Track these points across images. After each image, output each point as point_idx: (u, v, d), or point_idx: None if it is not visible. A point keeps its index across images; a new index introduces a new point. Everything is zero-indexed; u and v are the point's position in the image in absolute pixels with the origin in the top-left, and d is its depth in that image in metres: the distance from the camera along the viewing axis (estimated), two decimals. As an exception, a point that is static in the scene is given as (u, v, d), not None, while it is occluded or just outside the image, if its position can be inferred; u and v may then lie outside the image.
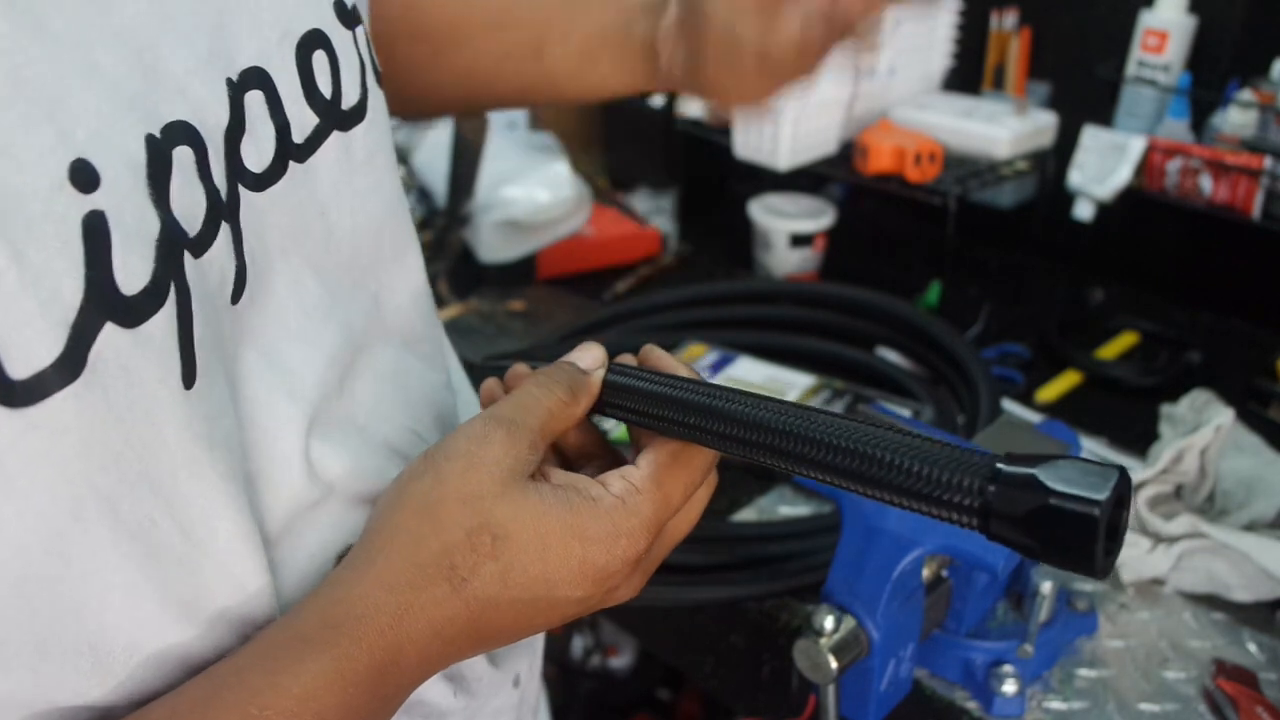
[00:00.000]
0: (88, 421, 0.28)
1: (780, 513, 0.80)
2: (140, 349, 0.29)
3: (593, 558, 0.36)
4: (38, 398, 0.27)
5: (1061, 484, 0.29)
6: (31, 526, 0.28)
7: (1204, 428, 0.74)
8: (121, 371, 0.29)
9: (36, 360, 0.27)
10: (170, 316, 0.30)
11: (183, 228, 0.31)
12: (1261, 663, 0.66)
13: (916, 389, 0.90)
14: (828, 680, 0.53)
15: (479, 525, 0.35)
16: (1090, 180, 1.05)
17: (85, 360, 0.28)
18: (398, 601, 0.34)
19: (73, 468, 0.28)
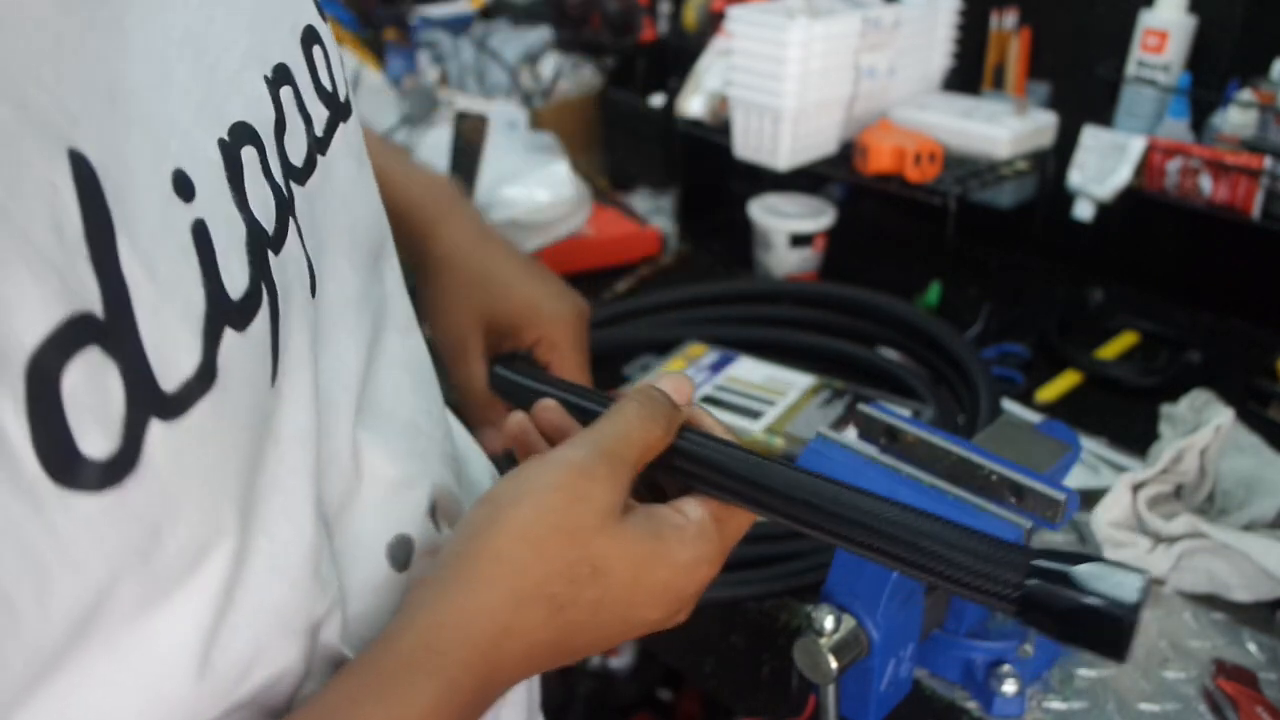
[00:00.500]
0: (223, 428, 0.28)
1: (780, 513, 0.80)
2: (250, 351, 0.30)
3: (676, 583, 0.38)
4: (186, 408, 0.27)
5: (1097, 586, 0.32)
6: (183, 536, 0.28)
7: (1204, 428, 0.74)
8: (240, 374, 0.29)
9: (181, 371, 0.27)
10: (266, 316, 0.31)
11: (262, 226, 0.32)
12: (1261, 663, 0.66)
13: (918, 387, 0.90)
14: (828, 680, 0.53)
15: (580, 557, 0.36)
16: (1090, 180, 1.05)
17: (216, 367, 0.28)
18: (499, 627, 0.35)
19: (214, 475, 0.28)
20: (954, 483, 0.55)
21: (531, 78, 1.45)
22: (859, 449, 0.57)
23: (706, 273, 1.23)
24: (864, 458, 0.56)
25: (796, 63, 1.01)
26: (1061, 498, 0.53)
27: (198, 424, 0.27)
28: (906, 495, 0.53)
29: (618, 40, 1.43)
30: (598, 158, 1.45)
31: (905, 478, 0.55)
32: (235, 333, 0.29)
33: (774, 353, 0.97)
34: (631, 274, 1.19)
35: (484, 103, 1.37)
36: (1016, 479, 0.54)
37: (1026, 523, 0.52)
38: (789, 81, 1.02)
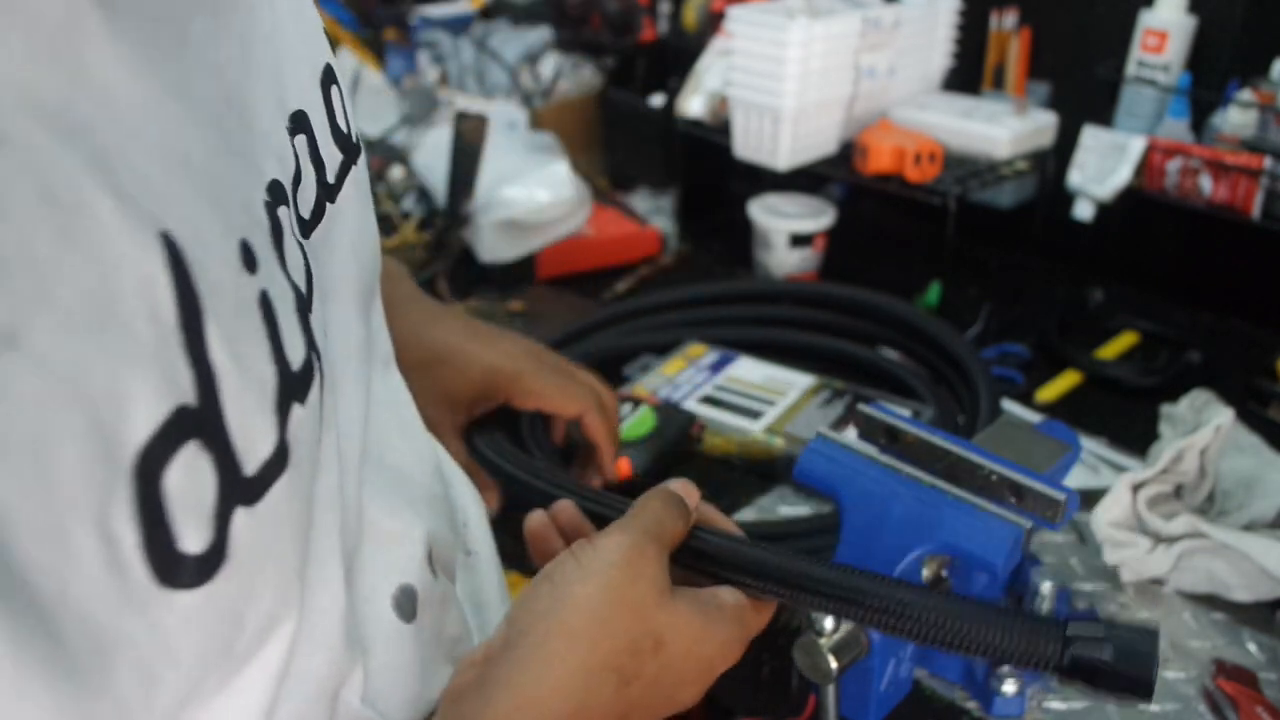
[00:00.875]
0: (294, 507, 0.28)
1: (780, 513, 0.80)
2: (310, 423, 0.29)
3: (716, 660, 0.41)
4: (265, 492, 0.26)
5: (1122, 652, 0.38)
6: (261, 618, 0.27)
7: (1204, 428, 0.74)
8: (305, 449, 0.29)
9: (260, 454, 0.26)
10: (318, 384, 0.30)
11: (300, 289, 0.30)
12: (1261, 663, 0.66)
13: (918, 387, 0.90)
14: (828, 680, 0.53)
15: (645, 631, 0.38)
16: (1090, 180, 1.05)
17: (288, 445, 0.27)
18: (574, 705, 0.36)
19: (286, 553, 0.28)
20: (954, 483, 0.55)
21: (531, 78, 1.45)
22: (859, 449, 0.57)
23: (706, 273, 1.23)
24: (864, 457, 0.56)
25: (796, 63, 1.01)
26: (1061, 498, 0.53)
27: (273, 506, 0.27)
28: (906, 494, 0.53)
29: (618, 40, 1.43)
30: (598, 158, 1.45)
31: (905, 477, 0.55)
32: (300, 407, 0.28)
33: (774, 353, 0.98)
34: (631, 274, 1.19)
35: (484, 103, 1.37)
36: (1016, 479, 0.54)
37: (1027, 522, 0.52)
38: (789, 81, 1.02)
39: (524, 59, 1.47)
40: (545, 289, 1.17)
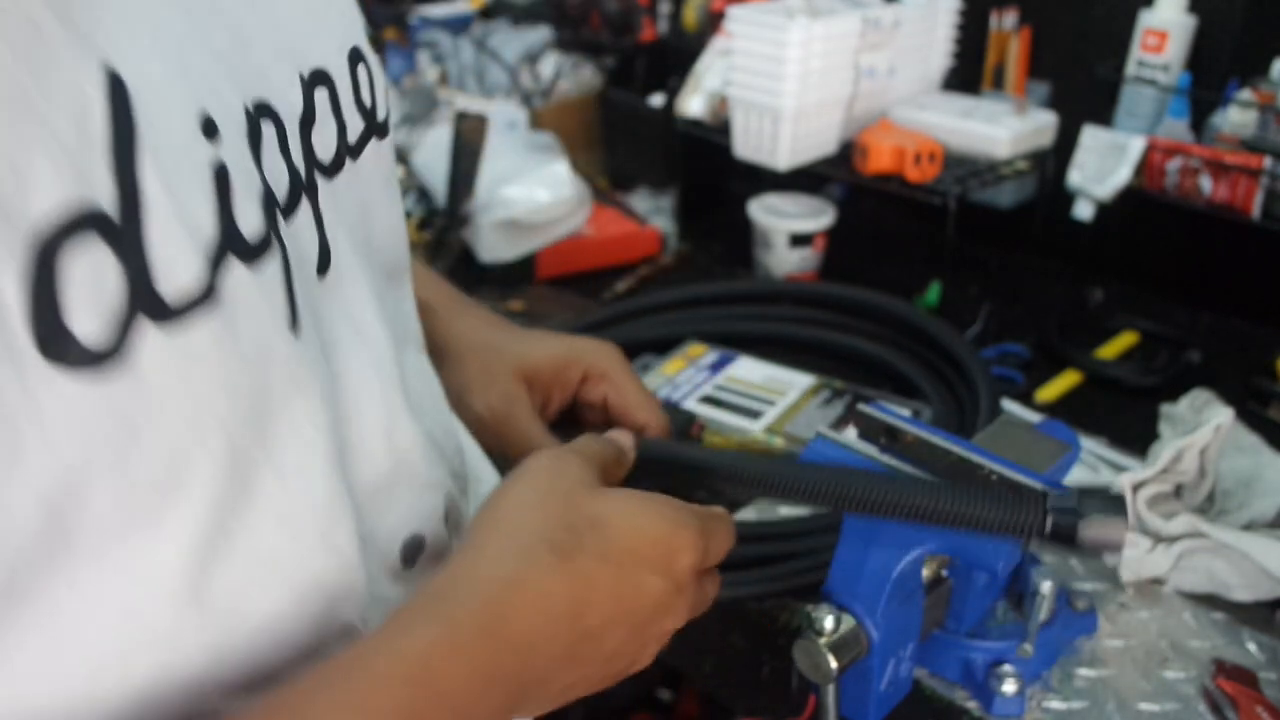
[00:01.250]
0: (220, 352, 0.30)
1: (780, 513, 0.80)
2: (260, 288, 0.32)
3: (672, 539, 0.41)
4: (181, 319, 0.29)
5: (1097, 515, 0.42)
6: (163, 447, 0.29)
7: (1204, 427, 0.74)
8: (246, 307, 0.31)
9: (183, 283, 0.29)
10: (279, 266, 0.33)
11: (274, 192, 0.34)
12: (1261, 662, 0.66)
13: (920, 385, 0.90)
14: (828, 680, 0.53)
15: (575, 509, 0.40)
16: (1090, 180, 1.05)
17: (219, 291, 0.30)
18: (504, 576, 0.37)
19: (203, 395, 0.30)
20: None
21: (531, 78, 1.46)
22: (859, 448, 0.57)
23: (706, 273, 1.23)
24: (864, 457, 0.56)
25: (796, 63, 1.01)
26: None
27: (196, 342, 0.29)
28: None
29: (617, 40, 1.43)
30: (597, 157, 1.45)
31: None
32: (245, 268, 0.31)
33: (775, 349, 0.98)
34: (631, 274, 1.19)
35: (484, 102, 1.37)
36: (1016, 479, 0.54)
37: None
38: (789, 81, 1.02)
39: (524, 59, 1.47)
40: (545, 289, 1.17)
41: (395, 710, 0.33)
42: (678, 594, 0.42)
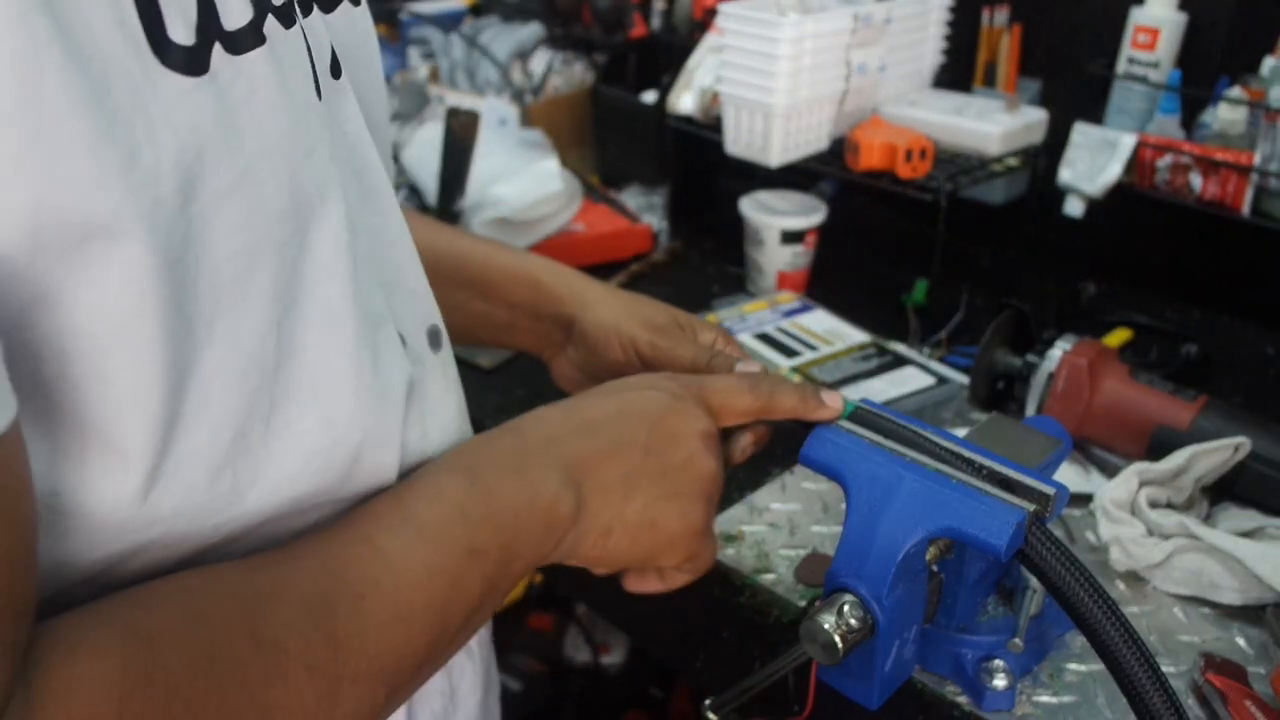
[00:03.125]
0: (273, 84, 0.35)
1: (773, 508, 0.80)
2: (290, 45, 0.37)
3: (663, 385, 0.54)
4: (241, 50, 0.34)
5: None
6: (245, 159, 0.34)
7: (1222, 440, 0.73)
8: (285, 55, 0.36)
9: (238, 19, 0.34)
10: (300, 35, 0.38)
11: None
12: (1251, 656, 0.66)
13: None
14: (834, 661, 0.53)
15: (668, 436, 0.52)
16: (1081, 177, 1.05)
17: (264, 32, 0.35)
18: (612, 413, 0.51)
19: (265, 117, 0.35)
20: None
21: (522, 74, 1.45)
22: (863, 435, 0.57)
23: (698, 269, 1.22)
24: (869, 442, 0.57)
25: (788, 59, 1.01)
26: (1052, 492, 0.53)
27: (252, 70, 0.34)
28: (911, 478, 0.54)
29: (608, 37, 1.43)
30: (589, 154, 1.45)
31: (910, 462, 0.55)
32: (277, 22, 0.36)
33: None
34: (623, 270, 1.19)
35: (475, 99, 1.37)
36: (1007, 474, 0.54)
37: (1030, 506, 0.52)
38: (780, 78, 1.02)
39: (515, 55, 1.46)
40: (536, 286, 1.16)
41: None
42: (675, 398, 0.53)
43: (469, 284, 0.67)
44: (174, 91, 0.31)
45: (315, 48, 0.39)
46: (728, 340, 0.68)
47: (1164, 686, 0.49)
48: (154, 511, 0.33)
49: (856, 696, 0.58)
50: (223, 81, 0.33)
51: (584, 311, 0.67)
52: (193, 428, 0.33)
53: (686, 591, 0.77)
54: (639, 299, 0.69)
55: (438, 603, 0.40)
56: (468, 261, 0.67)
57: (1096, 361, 0.84)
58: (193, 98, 0.32)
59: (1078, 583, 0.50)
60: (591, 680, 1.43)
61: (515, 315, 0.68)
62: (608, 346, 0.66)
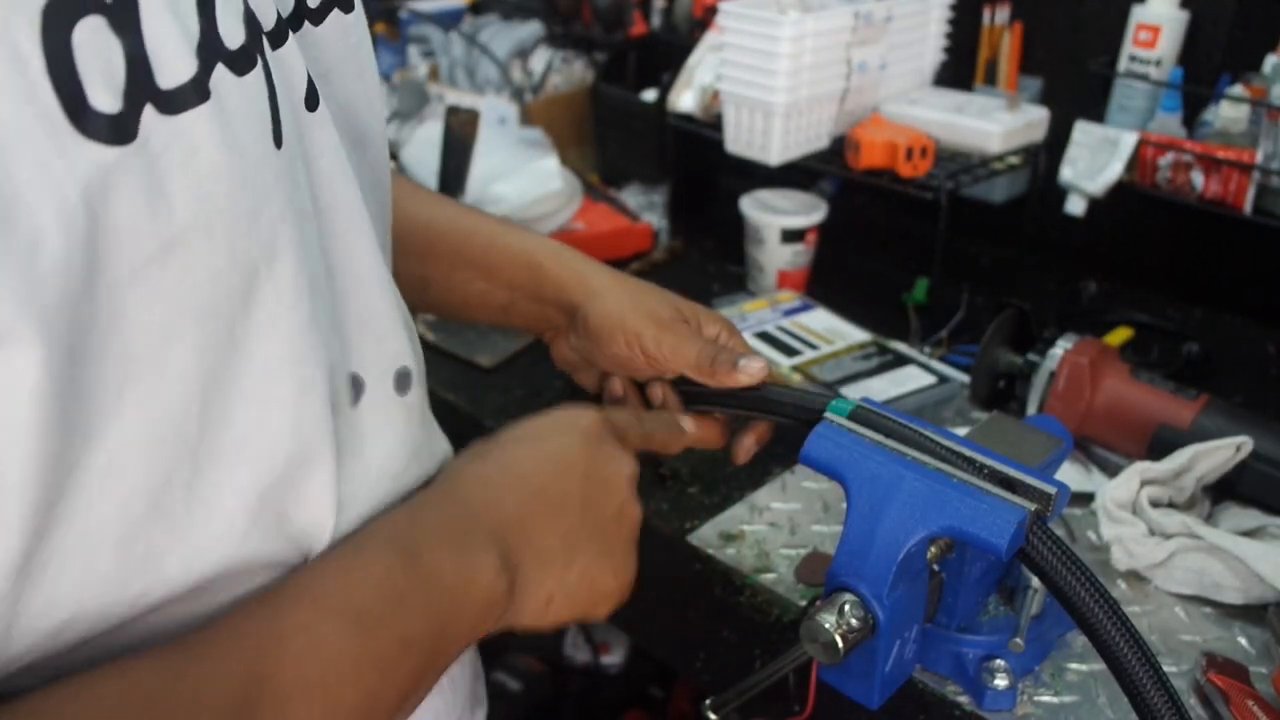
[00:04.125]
0: (216, 143, 0.32)
1: (773, 508, 0.80)
2: (245, 94, 0.34)
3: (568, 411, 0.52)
4: (179, 109, 0.31)
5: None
6: (175, 226, 0.31)
7: (1224, 439, 0.73)
8: (234, 109, 0.33)
9: (177, 75, 0.31)
10: (261, 79, 0.35)
11: (259, 17, 0.36)
12: (1253, 656, 0.66)
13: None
14: (834, 661, 0.53)
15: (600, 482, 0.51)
16: (1082, 175, 1.05)
17: (209, 87, 0.32)
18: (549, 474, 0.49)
19: (205, 182, 0.32)
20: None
21: (522, 72, 1.45)
22: (864, 434, 0.57)
23: (698, 268, 1.22)
24: (869, 441, 0.56)
25: (788, 58, 1.01)
26: (1053, 491, 0.53)
27: (191, 130, 0.31)
28: (912, 477, 0.54)
29: (608, 35, 1.43)
30: (589, 153, 1.44)
31: (911, 461, 0.55)
32: (229, 71, 0.33)
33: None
34: (623, 269, 1.18)
35: (474, 98, 1.37)
36: (1008, 473, 0.54)
37: (1031, 505, 0.52)
38: (781, 77, 1.01)
39: (515, 54, 1.46)
40: (536, 284, 1.16)
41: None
42: (599, 441, 0.51)
43: (470, 264, 0.66)
44: (92, 165, 0.29)
45: (284, 85, 0.36)
46: (732, 333, 0.67)
47: (1166, 686, 0.48)
48: (52, 590, 0.31)
49: (857, 696, 0.57)
50: (154, 148, 0.30)
51: (589, 301, 0.66)
52: (93, 502, 0.31)
53: (687, 591, 0.77)
54: (644, 288, 0.68)
55: (366, 700, 0.38)
56: (470, 241, 0.66)
57: (1098, 360, 0.84)
58: (115, 170, 0.29)
59: (1079, 582, 0.50)
60: (591, 680, 1.42)
61: (515, 297, 0.67)
62: (611, 340, 0.65)
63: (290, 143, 0.36)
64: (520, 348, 1.03)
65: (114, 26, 0.29)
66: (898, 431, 0.57)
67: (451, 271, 0.66)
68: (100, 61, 0.29)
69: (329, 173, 0.40)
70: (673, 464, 0.85)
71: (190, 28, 0.32)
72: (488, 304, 0.67)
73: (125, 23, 0.29)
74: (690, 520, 0.79)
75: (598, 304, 0.65)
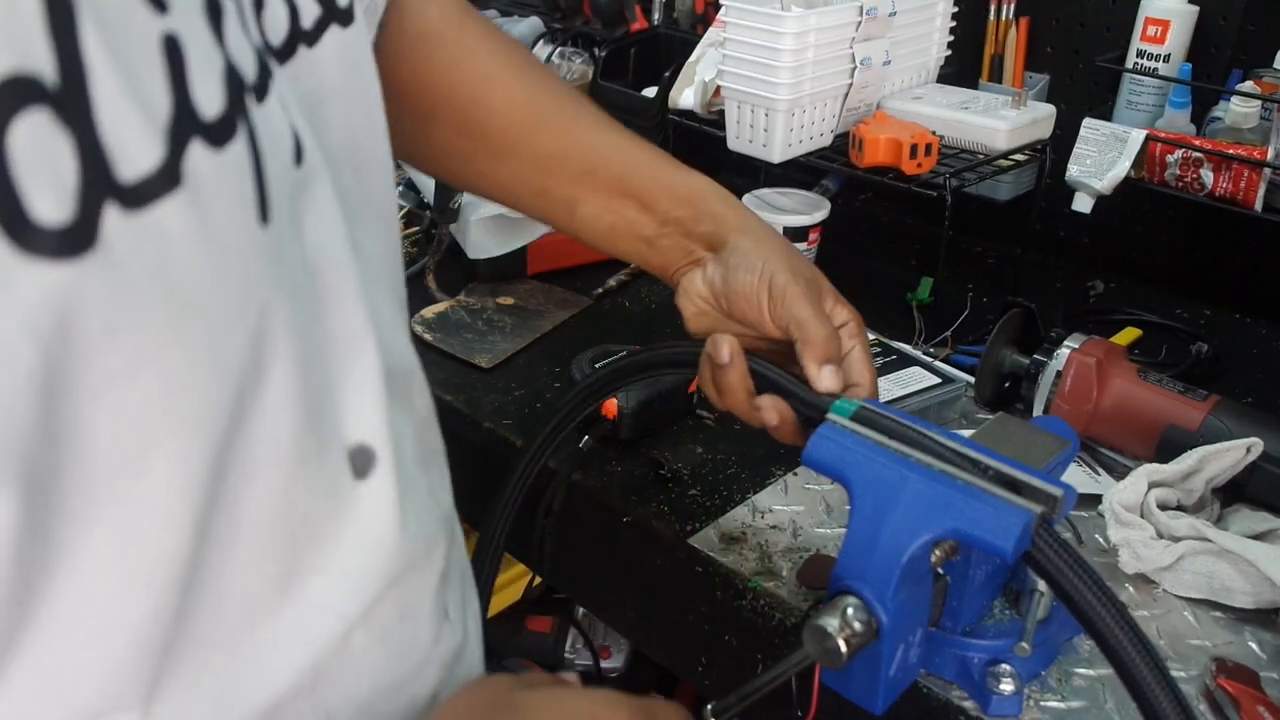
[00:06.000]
0: (189, 236, 0.28)
1: (775, 510, 0.79)
2: (225, 172, 0.30)
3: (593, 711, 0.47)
4: (146, 202, 0.27)
5: None
6: (146, 336, 0.28)
7: (1235, 442, 0.72)
8: (213, 191, 0.29)
9: (140, 164, 0.27)
10: (245, 148, 0.31)
11: (241, 71, 0.32)
12: (1263, 661, 0.65)
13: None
14: (837, 665, 0.52)
15: (501, 702, 0.43)
16: (1089, 173, 1.04)
17: (182, 172, 0.28)
18: None
19: (181, 283, 0.28)
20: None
21: (524, 70, 1.44)
22: (867, 435, 0.56)
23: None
24: (873, 443, 0.55)
25: (791, 54, 1.00)
26: (1059, 493, 0.52)
27: (161, 225, 0.27)
28: (916, 479, 0.53)
29: (609, 30, 1.42)
30: (590, 151, 1.43)
31: (915, 462, 0.54)
32: (206, 148, 0.29)
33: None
34: (624, 268, 1.17)
35: (475, 95, 1.36)
36: (1014, 475, 0.53)
37: (1037, 508, 0.51)
38: (783, 73, 1.00)
39: (515, 50, 1.45)
40: (536, 284, 1.16)
41: None
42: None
43: (630, 195, 0.66)
44: (37, 290, 0.25)
45: (269, 146, 0.32)
46: (859, 333, 0.66)
47: (1174, 692, 0.47)
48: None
49: (860, 701, 0.56)
50: (118, 254, 0.26)
51: (741, 234, 0.65)
52: (61, 642, 0.29)
53: (688, 595, 0.76)
54: (791, 245, 0.69)
55: None
56: (634, 172, 0.66)
57: (1105, 360, 0.82)
58: (69, 289, 0.25)
59: (1085, 586, 0.49)
60: (591, 684, 1.41)
61: (666, 230, 0.66)
62: (750, 269, 0.63)
63: (279, 214, 0.32)
64: (519, 348, 1.02)
65: (60, 118, 0.25)
66: (901, 433, 0.56)
67: (609, 199, 0.65)
68: (44, 163, 0.25)
69: (324, 231, 0.37)
70: (673, 466, 0.84)
71: (156, 104, 0.28)
72: (634, 233, 0.66)
73: (74, 112, 0.25)
74: (691, 523, 0.78)
75: (749, 238, 0.64)
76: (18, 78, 0.24)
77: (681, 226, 0.65)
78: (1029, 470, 0.53)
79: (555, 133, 0.65)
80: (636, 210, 0.65)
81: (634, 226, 0.66)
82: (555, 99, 0.66)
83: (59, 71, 0.25)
